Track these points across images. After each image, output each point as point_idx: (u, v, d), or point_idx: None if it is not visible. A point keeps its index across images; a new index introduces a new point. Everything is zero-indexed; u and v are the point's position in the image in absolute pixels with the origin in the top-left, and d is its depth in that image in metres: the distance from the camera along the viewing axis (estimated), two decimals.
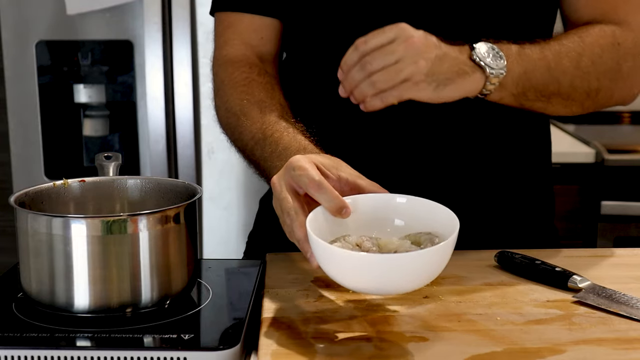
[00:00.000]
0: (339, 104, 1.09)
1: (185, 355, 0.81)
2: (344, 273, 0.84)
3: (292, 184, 0.90)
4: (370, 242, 0.87)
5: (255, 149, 1.09)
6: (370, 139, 1.16)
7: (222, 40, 1.23)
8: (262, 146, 1.07)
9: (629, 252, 1.13)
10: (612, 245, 2.36)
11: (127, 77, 2.20)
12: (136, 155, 2.23)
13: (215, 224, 2.23)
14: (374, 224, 0.91)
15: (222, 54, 1.22)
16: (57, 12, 2.16)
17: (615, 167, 2.36)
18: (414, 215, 0.91)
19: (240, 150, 1.15)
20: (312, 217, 0.88)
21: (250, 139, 1.10)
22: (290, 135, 1.05)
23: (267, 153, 1.06)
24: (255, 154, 1.09)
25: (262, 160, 1.07)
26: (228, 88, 1.18)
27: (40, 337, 0.84)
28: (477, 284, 1.00)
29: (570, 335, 0.85)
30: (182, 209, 0.92)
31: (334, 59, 1.07)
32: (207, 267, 1.08)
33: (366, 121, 1.12)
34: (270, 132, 1.07)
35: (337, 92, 1.02)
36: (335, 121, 1.17)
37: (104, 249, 0.87)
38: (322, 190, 0.88)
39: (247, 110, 1.13)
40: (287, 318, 0.89)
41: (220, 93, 1.19)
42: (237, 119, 1.13)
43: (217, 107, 1.20)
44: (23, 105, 2.22)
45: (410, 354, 0.81)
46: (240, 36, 1.22)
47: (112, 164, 1.05)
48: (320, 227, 0.87)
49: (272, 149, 1.05)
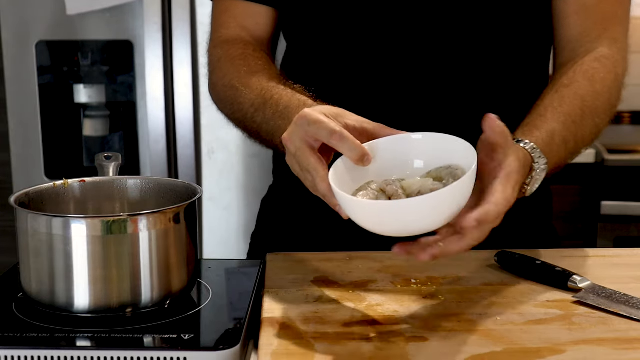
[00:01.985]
0: (342, 94, 1.09)
1: (185, 355, 0.81)
2: (374, 222, 0.85)
3: (306, 139, 0.89)
4: (394, 186, 0.88)
5: (255, 116, 1.09)
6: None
7: (218, 24, 1.25)
8: (263, 110, 1.08)
9: (629, 252, 1.13)
10: (612, 245, 2.36)
11: (127, 77, 2.21)
12: (136, 155, 2.23)
13: (215, 224, 2.23)
14: (394, 165, 0.91)
15: (218, 35, 1.24)
16: (57, 12, 2.16)
17: (615, 167, 2.36)
18: (432, 152, 0.91)
19: (240, 121, 1.15)
20: (333, 170, 0.88)
21: (250, 107, 1.10)
22: (289, 94, 1.05)
23: (268, 115, 1.06)
24: (256, 120, 1.09)
25: (265, 124, 1.07)
26: (224, 64, 1.18)
27: (40, 337, 0.84)
28: (477, 284, 1.00)
29: (570, 335, 0.85)
30: (182, 209, 0.92)
31: (334, 49, 1.07)
32: (207, 267, 1.08)
33: (372, 116, 1.13)
34: (270, 95, 1.07)
35: (339, 81, 1.02)
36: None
37: (104, 249, 0.87)
38: (344, 140, 0.87)
39: (245, 81, 1.13)
40: (287, 318, 0.89)
41: (217, 71, 1.20)
42: (236, 90, 1.14)
43: (214, 85, 1.21)
44: (23, 105, 2.22)
45: (410, 354, 0.81)
46: (236, 20, 1.23)
47: (112, 164, 1.05)
48: (343, 178, 0.88)
49: (274, 110, 1.05)
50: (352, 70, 1.18)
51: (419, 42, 1.15)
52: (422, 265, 1.06)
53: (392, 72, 1.16)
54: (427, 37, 1.15)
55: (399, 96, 1.16)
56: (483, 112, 1.13)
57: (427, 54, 1.15)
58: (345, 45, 1.18)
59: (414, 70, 1.16)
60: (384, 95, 1.17)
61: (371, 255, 1.10)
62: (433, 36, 1.15)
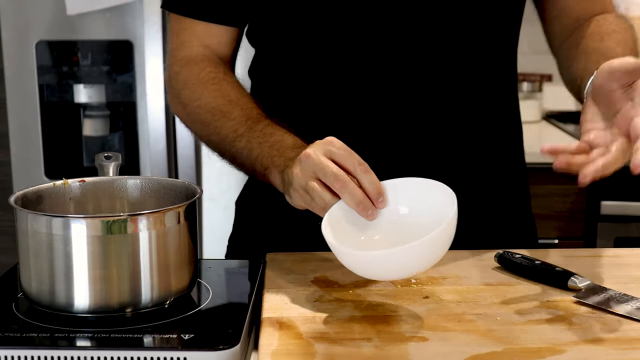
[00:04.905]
0: (315, 101, 1.11)
1: (185, 355, 0.81)
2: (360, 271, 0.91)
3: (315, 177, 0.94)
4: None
5: (237, 141, 1.11)
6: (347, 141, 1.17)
7: (179, 40, 1.24)
8: (247, 137, 1.09)
9: (629, 252, 1.13)
10: (612, 245, 2.36)
11: (127, 77, 2.21)
12: (136, 155, 2.23)
13: (216, 224, 2.23)
14: (381, 212, 0.96)
15: (182, 54, 1.23)
16: (57, 12, 2.16)
17: None
18: (415, 197, 0.96)
19: (214, 143, 1.16)
20: (327, 218, 0.93)
21: (231, 132, 1.12)
22: (281, 130, 1.08)
23: (253, 143, 1.08)
24: (237, 145, 1.11)
25: (247, 150, 1.09)
26: (197, 86, 1.18)
27: (40, 337, 0.84)
28: (477, 284, 1.00)
29: (570, 335, 0.85)
30: (182, 209, 0.92)
31: (306, 55, 1.06)
32: (207, 267, 1.08)
33: (345, 126, 1.13)
34: (258, 126, 1.09)
35: (312, 87, 1.03)
36: (312, 119, 1.18)
37: (104, 249, 0.87)
38: (369, 172, 0.93)
39: (223, 108, 1.14)
40: (287, 318, 0.89)
41: (186, 92, 1.20)
42: (213, 115, 1.15)
43: (183, 105, 1.21)
44: (23, 105, 2.22)
45: (410, 354, 0.81)
46: (198, 39, 1.22)
47: (112, 164, 1.05)
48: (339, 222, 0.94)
49: (261, 140, 1.07)
50: (326, 77, 1.17)
51: (392, 49, 1.14)
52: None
53: (365, 79, 1.15)
54: (397, 39, 1.14)
55: (372, 104, 1.15)
56: (456, 113, 1.15)
57: (401, 59, 1.14)
58: (317, 52, 1.17)
59: (387, 76, 1.15)
60: (357, 103, 1.16)
61: None
62: (404, 36, 1.14)
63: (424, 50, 1.14)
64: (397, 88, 1.15)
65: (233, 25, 1.23)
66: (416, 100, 1.16)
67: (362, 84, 1.15)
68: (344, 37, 1.14)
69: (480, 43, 1.18)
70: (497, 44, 1.21)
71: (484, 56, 1.19)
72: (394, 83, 1.15)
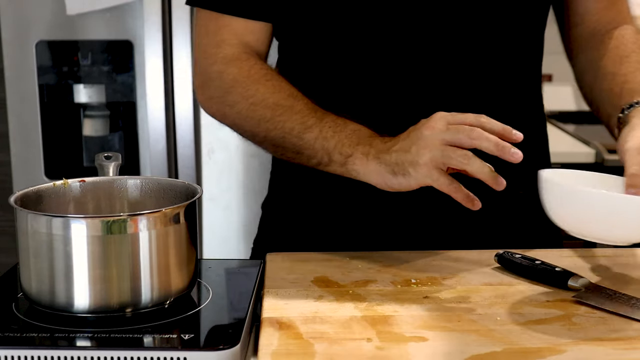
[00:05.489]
0: (342, 94, 1.10)
1: (185, 355, 0.81)
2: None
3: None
4: None
5: (306, 132, 1.09)
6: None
7: (218, 39, 1.23)
8: (319, 128, 1.08)
9: (629, 252, 1.13)
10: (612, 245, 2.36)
11: (127, 77, 2.20)
12: (136, 155, 2.23)
13: (215, 224, 2.23)
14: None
15: (223, 53, 1.21)
16: (57, 12, 2.16)
17: (615, 167, 2.35)
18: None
19: (274, 139, 1.14)
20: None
21: (297, 124, 1.10)
22: (351, 120, 1.08)
23: (328, 133, 1.07)
24: (306, 136, 1.09)
25: (321, 139, 1.08)
26: (249, 84, 1.17)
27: (40, 337, 0.84)
28: (477, 284, 1.00)
29: (570, 335, 0.85)
30: (182, 209, 0.92)
31: (332, 49, 1.06)
32: (207, 267, 1.08)
33: (373, 117, 1.13)
34: (328, 116, 1.09)
35: (339, 81, 1.03)
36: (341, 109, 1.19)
37: (104, 249, 0.87)
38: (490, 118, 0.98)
39: (284, 102, 1.13)
40: (287, 318, 0.89)
41: (238, 90, 1.18)
42: (273, 110, 1.13)
43: (231, 104, 1.19)
44: (23, 105, 2.22)
45: (410, 354, 0.81)
46: (237, 36, 1.22)
47: (112, 164, 1.05)
48: None
49: (336, 130, 1.07)
50: (352, 70, 1.18)
51: (416, 41, 1.15)
52: (422, 265, 1.06)
53: (391, 72, 1.16)
54: (425, 35, 1.15)
55: (397, 96, 1.16)
56: (481, 108, 1.15)
57: (425, 52, 1.16)
58: (343, 47, 1.18)
59: (411, 69, 1.16)
60: (386, 94, 1.17)
61: (371, 255, 1.10)
62: (432, 34, 1.15)
63: (451, 44, 1.15)
64: (425, 81, 1.16)
65: (271, 20, 1.22)
66: (443, 96, 1.16)
67: (391, 75, 1.16)
68: (374, 28, 1.15)
69: (508, 34, 1.18)
70: (523, 39, 1.21)
71: (510, 48, 1.20)
72: (422, 75, 1.16)
